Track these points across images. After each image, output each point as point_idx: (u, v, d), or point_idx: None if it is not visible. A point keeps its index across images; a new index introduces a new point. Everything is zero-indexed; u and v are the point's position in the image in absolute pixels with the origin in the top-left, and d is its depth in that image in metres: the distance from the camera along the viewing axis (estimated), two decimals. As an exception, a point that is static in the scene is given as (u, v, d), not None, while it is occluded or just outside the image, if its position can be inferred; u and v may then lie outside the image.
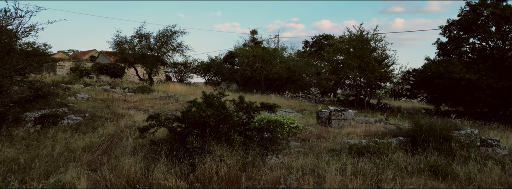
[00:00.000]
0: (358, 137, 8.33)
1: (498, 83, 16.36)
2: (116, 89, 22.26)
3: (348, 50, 19.82)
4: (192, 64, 34.81)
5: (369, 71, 18.39)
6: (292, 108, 19.22)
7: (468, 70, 16.81)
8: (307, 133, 8.82)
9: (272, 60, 24.42)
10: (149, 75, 32.88)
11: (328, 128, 9.60)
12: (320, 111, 10.42)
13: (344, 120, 10.04)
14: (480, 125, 15.08)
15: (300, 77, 26.08)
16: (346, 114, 10.07)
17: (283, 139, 7.43)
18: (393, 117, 15.96)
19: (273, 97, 22.70)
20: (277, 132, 7.11)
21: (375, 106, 19.90)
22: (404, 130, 8.27)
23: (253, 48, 26.48)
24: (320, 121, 10.43)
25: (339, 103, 21.43)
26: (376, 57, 19.46)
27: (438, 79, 17.47)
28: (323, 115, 10.27)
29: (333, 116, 9.88)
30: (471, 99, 16.62)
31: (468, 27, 18.55)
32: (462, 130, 8.91)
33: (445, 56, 20.00)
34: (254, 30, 28.72)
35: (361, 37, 19.91)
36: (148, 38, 30.45)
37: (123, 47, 29.26)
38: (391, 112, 19.41)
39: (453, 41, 18.81)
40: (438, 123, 8.53)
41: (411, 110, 20.80)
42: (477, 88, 16.49)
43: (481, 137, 9.00)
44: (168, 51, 32.03)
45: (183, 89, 24.74)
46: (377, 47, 19.43)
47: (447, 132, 7.52)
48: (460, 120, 15.32)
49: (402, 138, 7.94)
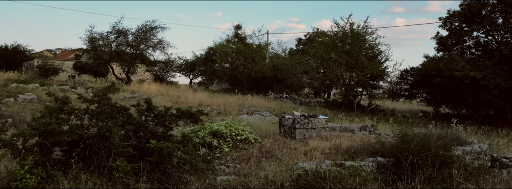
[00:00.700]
0: (321, 156, 6.01)
1: (507, 82, 14.00)
2: (77, 89, 20.01)
3: (335, 45, 17.46)
4: (175, 62, 32.49)
5: (358, 69, 16.02)
6: (271, 111, 16.93)
7: (472, 67, 14.46)
8: (256, 149, 6.50)
9: (254, 57, 22.07)
10: (126, 74, 30.59)
11: (289, 141, 7.29)
12: (283, 117, 8.10)
13: (312, 130, 7.72)
14: (486, 132, 12.74)
15: (286, 76, 23.70)
16: (314, 121, 7.75)
17: (210, 161, 5.13)
18: (384, 122, 13.64)
19: (252, 98, 20.41)
20: (193, 152, 4.79)
21: (365, 108, 17.56)
22: (388, 146, 5.94)
23: (235, 44, 24.16)
24: (282, 130, 8.11)
25: (327, 105, 19.09)
26: (367, 53, 17.09)
27: (437, 78, 15.14)
28: (286, 122, 7.95)
29: (297, 124, 7.56)
30: (475, 100, 14.28)
31: (471, 18, 16.18)
32: (467, 144, 6.58)
33: (445, 51, 17.64)
34: (239, 25, 26.36)
35: (352, 31, 17.56)
36: (126, 34, 28.15)
37: (97, 44, 26.93)
38: (384, 116, 17.05)
39: (454, 35, 16.44)
40: (433, 136, 6.21)
41: (407, 113, 18.45)
42: (482, 88, 14.15)
43: (493, 154, 6.67)
44: (147, 48, 29.78)
45: (156, 89, 22.43)
46: (368, 41, 17.05)
47: (446, 152, 5.19)
48: (463, 126, 12.97)
49: (382, 159, 5.62)
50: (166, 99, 17.75)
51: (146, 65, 31.34)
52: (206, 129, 6.72)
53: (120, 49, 28.30)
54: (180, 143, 4.84)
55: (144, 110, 5.17)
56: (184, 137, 5.03)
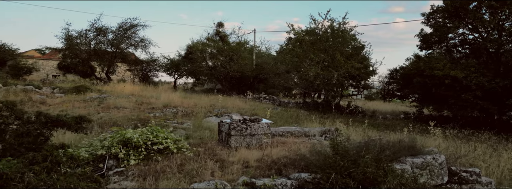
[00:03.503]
0: (240, 171, 5.01)
1: (491, 82, 12.97)
2: (43, 89, 19.03)
3: (312, 43, 16.43)
4: (158, 61, 31.46)
5: (334, 68, 14.99)
6: (243, 112, 15.98)
7: (453, 66, 13.44)
8: (174, 161, 5.49)
9: (232, 56, 21.02)
10: (106, 73, 29.59)
11: (220, 150, 6.30)
12: (222, 122, 7.10)
13: (251, 136, 6.72)
14: (466, 136, 11.73)
15: (268, 76, 22.66)
16: (254, 127, 6.75)
17: (96, 180, 4.12)
18: (357, 125, 12.62)
19: (230, 98, 19.44)
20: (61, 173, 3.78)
21: (344, 109, 16.55)
22: (321, 159, 4.93)
23: (214, 41, 23.12)
24: (220, 136, 7.12)
25: (305, 107, 18.09)
26: (345, 50, 16.06)
27: (418, 77, 14.12)
28: (223, 128, 6.96)
29: (233, 130, 6.56)
30: (457, 101, 13.25)
31: (455, 14, 15.15)
32: (420, 155, 5.58)
33: (429, 49, 16.60)
34: (220, 22, 25.33)
35: (330, 28, 16.56)
36: (105, 32, 27.16)
37: (75, 42, 25.93)
38: (362, 117, 16.04)
39: (436, 31, 15.40)
40: (377, 145, 5.21)
41: (389, 115, 17.43)
42: (464, 88, 13.13)
43: (451, 167, 5.68)
44: (128, 47, 28.80)
45: (131, 89, 21.45)
46: (346, 39, 16.00)
47: (375, 169, 4.18)
48: (442, 129, 11.95)
49: (307, 175, 4.62)
50: (132, 100, 16.77)
51: (128, 65, 30.34)
52: (115, 137, 5.74)
53: (99, 48, 27.34)
54: (46, 158, 3.85)
55: (5, 116, 4.18)
56: (61, 148, 4.03)
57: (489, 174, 7.33)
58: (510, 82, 13.00)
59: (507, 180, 6.98)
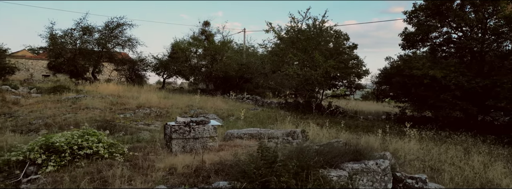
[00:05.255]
0: (157, 181, 4.61)
1: (471, 82, 12.55)
2: (19, 89, 18.68)
3: (292, 42, 16.03)
4: (145, 60, 31.03)
5: (312, 67, 14.57)
6: (220, 113, 15.64)
7: (432, 65, 13.03)
8: (95, 167, 5.10)
9: (214, 55, 20.61)
10: (92, 73, 29.23)
11: (158, 155, 5.91)
12: (167, 124, 6.70)
13: (195, 140, 6.32)
14: (442, 138, 11.34)
15: (252, 76, 22.24)
16: (198, 130, 6.35)
17: None
18: (332, 126, 12.20)
19: (212, 98, 19.10)
20: None
21: (325, 110, 16.15)
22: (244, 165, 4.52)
23: (199, 41, 22.71)
24: (165, 140, 6.73)
25: (286, 107, 17.70)
26: (325, 50, 15.64)
27: (397, 77, 13.71)
28: (167, 131, 6.56)
29: (174, 133, 6.16)
30: (436, 102, 12.84)
31: (437, 12, 14.73)
32: (364, 160, 5.17)
33: (412, 48, 16.19)
34: (207, 21, 24.89)
35: (310, 26, 16.14)
36: (91, 31, 26.81)
37: (59, 41, 25.55)
38: (343, 118, 15.63)
39: (418, 30, 14.99)
40: (313, 150, 4.82)
41: (371, 115, 17.01)
42: (443, 88, 12.72)
43: (396, 174, 5.28)
44: (115, 46, 28.42)
45: (113, 89, 21.12)
46: (325, 38, 15.59)
47: (288, 179, 3.78)
48: (417, 130, 11.55)
49: (225, 183, 4.22)
50: (108, 100, 16.39)
51: (115, 64, 29.94)
52: (38, 141, 5.35)
53: (85, 47, 27.01)
54: None
55: None
56: None
57: (452, 178, 6.94)
58: (490, 82, 12.59)
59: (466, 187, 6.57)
